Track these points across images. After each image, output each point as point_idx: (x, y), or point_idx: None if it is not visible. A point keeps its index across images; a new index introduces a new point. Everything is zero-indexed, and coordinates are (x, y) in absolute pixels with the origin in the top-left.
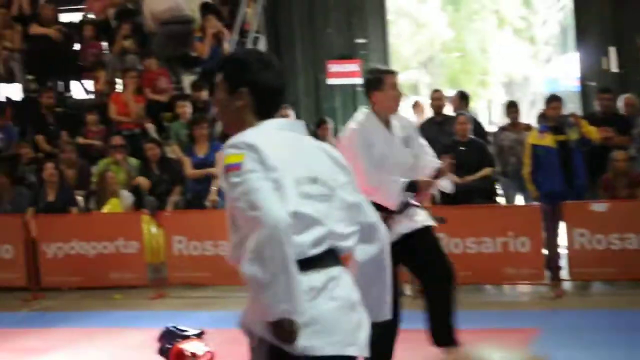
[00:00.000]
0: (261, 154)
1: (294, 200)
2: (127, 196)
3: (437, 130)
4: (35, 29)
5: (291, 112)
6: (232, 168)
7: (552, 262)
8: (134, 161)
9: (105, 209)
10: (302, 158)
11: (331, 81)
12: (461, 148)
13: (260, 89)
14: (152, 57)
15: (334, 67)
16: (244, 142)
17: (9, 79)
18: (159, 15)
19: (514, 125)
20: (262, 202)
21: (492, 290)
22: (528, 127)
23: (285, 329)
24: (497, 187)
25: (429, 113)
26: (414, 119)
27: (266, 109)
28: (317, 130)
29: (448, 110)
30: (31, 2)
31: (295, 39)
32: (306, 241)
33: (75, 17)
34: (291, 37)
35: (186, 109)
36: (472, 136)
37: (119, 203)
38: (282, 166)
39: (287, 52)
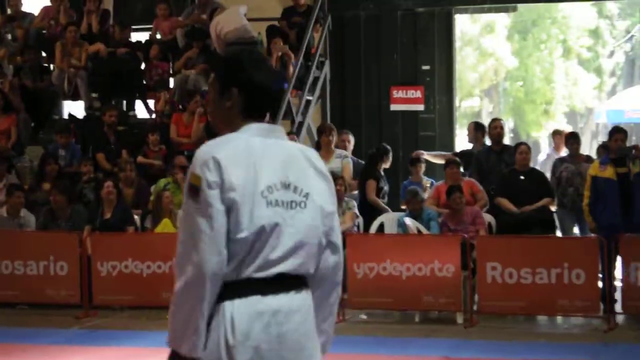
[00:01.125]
0: (222, 172)
1: (256, 215)
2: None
3: (495, 159)
4: (98, 47)
5: (351, 137)
6: (192, 192)
7: (607, 294)
8: None
9: (158, 228)
10: (276, 164)
11: (394, 107)
12: (521, 177)
13: (250, 88)
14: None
15: (397, 93)
16: (210, 158)
17: (74, 96)
18: (225, 36)
19: (574, 156)
20: (200, 250)
21: (544, 322)
22: (588, 159)
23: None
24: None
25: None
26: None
27: (256, 109)
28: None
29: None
30: (100, 22)
31: (360, 64)
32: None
33: (143, 36)
34: (356, 62)
35: None
36: (532, 166)
37: (172, 223)
38: (245, 180)
39: (352, 77)
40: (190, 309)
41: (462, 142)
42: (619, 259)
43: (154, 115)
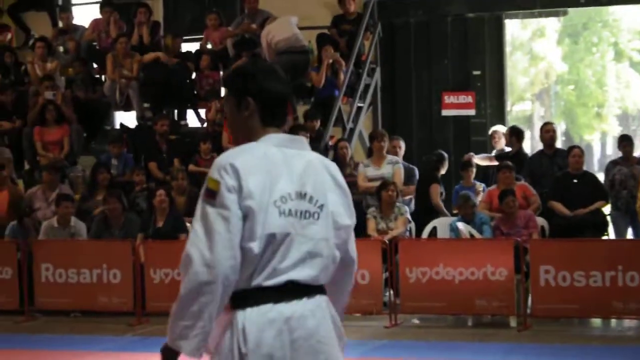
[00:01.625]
0: (240, 179)
1: (268, 224)
2: None
3: (548, 162)
4: (151, 57)
5: (402, 143)
6: (209, 196)
7: None
8: None
9: None
10: (293, 174)
11: (445, 112)
12: (574, 181)
13: (265, 96)
14: None
15: (448, 98)
16: (228, 164)
17: (126, 106)
18: (276, 45)
19: (627, 159)
20: (215, 252)
21: (598, 324)
22: None
23: (167, 355)
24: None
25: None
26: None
27: (272, 117)
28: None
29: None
30: (151, 32)
31: (410, 70)
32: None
33: (193, 46)
34: (407, 68)
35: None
36: (585, 169)
37: None
38: (261, 188)
39: (402, 83)
40: (199, 310)
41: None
42: None
43: (205, 124)
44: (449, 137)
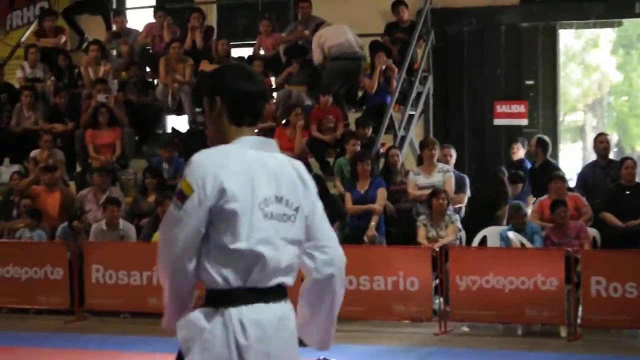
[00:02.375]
0: (223, 183)
1: (255, 227)
2: None
3: (601, 173)
4: (205, 66)
5: (453, 152)
6: (179, 197)
7: None
8: None
9: None
10: (270, 177)
11: (497, 122)
12: (626, 192)
13: (231, 95)
14: (327, 94)
15: (501, 107)
16: (208, 176)
17: (178, 111)
18: (328, 50)
19: None
20: (165, 254)
21: None
22: None
23: None
24: None
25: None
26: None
27: (240, 116)
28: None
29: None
30: (204, 37)
31: (463, 79)
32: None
33: (246, 52)
34: (459, 77)
35: (356, 147)
36: (638, 180)
37: None
38: (244, 191)
39: (455, 91)
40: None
41: (565, 156)
42: None
43: (256, 130)
44: (501, 147)
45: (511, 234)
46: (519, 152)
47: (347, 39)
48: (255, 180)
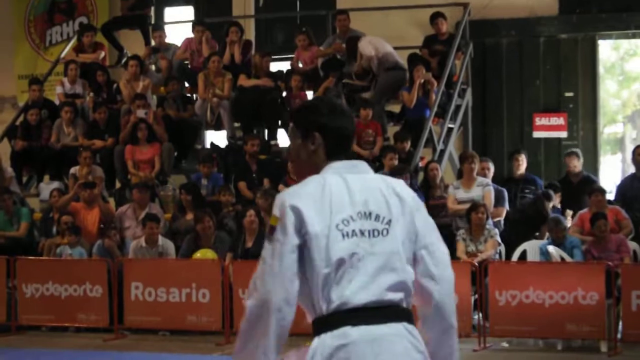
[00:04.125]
0: (301, 213)
1: (333, 248)
2: None
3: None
4: (244, 81)
5: (491, 165)
6: (270, 231)
7: None
8: None
9: None
10: (355, 196)
11: (537, 134)
12: None
13: (330, 131)
14: (368, 107)
15: (540, 120)
16: (288, 204)
17: (216, 126)
18: (384, 57)
19: None
20: (266, 283)
21: None
22: None
23: None
24: None
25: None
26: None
27: (337, 151)
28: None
29: None
30: (242, 52)
31: (502, 91)
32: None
33: (284, 66)
34: (498, 89)
35: (394, 161)
36: None
37: None
38: (321, 218)
39: (494, 104)
40: (255, 346)
41: (605, 169)
42: None
43: None
44: (541, 160)
45: (551, 248)
46: (522, 166)
47: (392, 49)
48: (334, 203)
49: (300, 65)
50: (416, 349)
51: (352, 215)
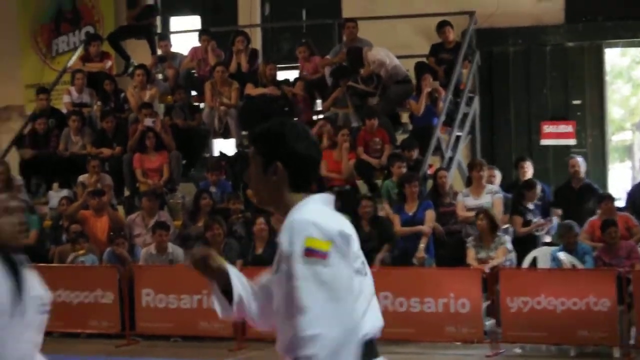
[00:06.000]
0: (350, 243)
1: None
2: None
3: None
4: (250, 90)
5: (497, 172)
6: (316, 255)
7: None
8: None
9: None
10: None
11: (545, 142)
12: None
13: (295, 161)
14: (374, 117)
15: (548, 127)
16: (336, 229)
17: (224, 134)
18: (392, 70)
19: None
20: (350, 311)
21: None
22: None
23: None
24: None
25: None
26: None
27: (302, 181)
28: None
29: None
30: (249, 60)
31: (509, 100)
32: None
33: (291, 74)
34: (505, 97)
35: (402, 169)
36: None
37: None
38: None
39: (501, 112)
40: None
41: (614, 176)
42: None
43: None
44: (549, 167)
45: (562, 255)
46: (528, 172)
47: (398, 62)
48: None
49: (305, 73)
50: None
51: (355, 252)
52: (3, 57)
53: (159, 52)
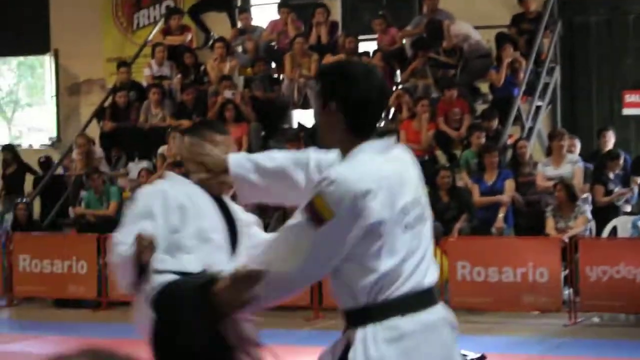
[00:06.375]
0: (365, 205)
1: (397, 242)
2: None
3: None
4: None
5: (577, 142)
6: (313, 217)
7: None
8: None
9: None
10: (405, 181)
11: (627, 111)
12: None
13: (351, 105)
14: (453, 88)
15: (630, 97)
16: (362, 190)
17: (304, 105)
18: (476, 44)
19: None
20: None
21: None
22: None
23: None
24: None
25: None
26: None
27: (361, 126)
28: None
29: None
30: (329, 32)
31: (591, 69)
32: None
33: (371, 46)
34: (587, 67)
35: (481, 139)
36: None
37: None
38: (384, 208)
39: (582, 82)
40: None
41: None
42: None
43: (382, 123)
44: (631, 137)
45: None
46: (609, 142)
47: (480, 37)
48: (393, 192)
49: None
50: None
51: (408, 203)
52: (84, 32)
53: (239, 24)
